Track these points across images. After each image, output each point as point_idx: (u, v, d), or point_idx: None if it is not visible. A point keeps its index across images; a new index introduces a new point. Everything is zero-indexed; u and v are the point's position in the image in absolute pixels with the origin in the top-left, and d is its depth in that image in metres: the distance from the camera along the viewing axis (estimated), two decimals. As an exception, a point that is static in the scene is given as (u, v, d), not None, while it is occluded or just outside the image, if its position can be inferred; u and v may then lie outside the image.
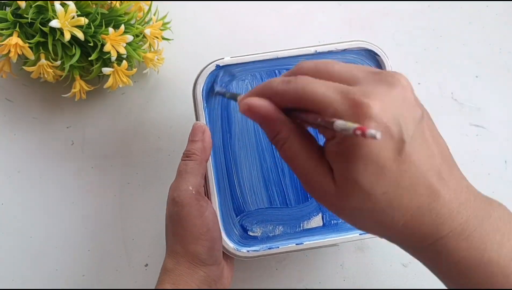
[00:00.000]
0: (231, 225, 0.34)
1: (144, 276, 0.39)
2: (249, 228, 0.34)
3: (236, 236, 0.34)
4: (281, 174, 0.34)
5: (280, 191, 0.34)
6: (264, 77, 0.35)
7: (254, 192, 0.34)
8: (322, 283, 0.39)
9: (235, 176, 0.34)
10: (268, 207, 0.34)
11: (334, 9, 0.47)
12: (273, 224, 0.34)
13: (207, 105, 0.35)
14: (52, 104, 0.43)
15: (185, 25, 0.46)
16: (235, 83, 0.35)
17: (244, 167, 0.34)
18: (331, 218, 0.34)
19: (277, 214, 0.34)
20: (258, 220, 0.34)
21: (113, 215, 0.41)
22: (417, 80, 0.45)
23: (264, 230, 0.34)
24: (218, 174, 0.34)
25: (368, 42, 0.35)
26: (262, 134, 0.35)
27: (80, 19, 0.35)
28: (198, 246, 0.30)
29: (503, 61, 0.45)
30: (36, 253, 0.40)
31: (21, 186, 0.41)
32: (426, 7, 0.47)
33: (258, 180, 0.34)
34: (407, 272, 0.40)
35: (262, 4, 0.46)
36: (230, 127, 0.35)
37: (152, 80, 0.44)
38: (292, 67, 0.34)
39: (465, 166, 0.42)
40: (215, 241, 0.31)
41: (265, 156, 0.34)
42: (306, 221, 0.34)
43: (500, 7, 0.47)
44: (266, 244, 0.34)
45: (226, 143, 0.34)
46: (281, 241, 0.34)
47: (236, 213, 0.34)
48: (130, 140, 0.42)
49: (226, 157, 0.34)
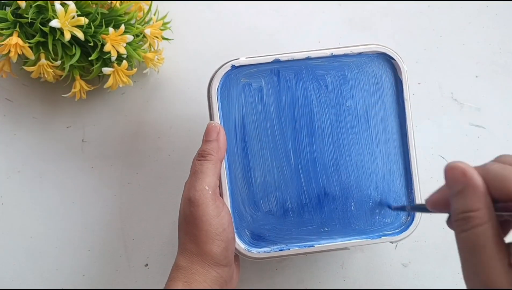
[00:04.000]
0: (243, 226, 0.34)
1: (144, 276, 0.39)
2: (259, 230, 0.34)
3: (247, 237, 0.34)
4: (297, 181, 0.34)
5: (296, 197, 0.34)
6: (278, 78, 0.35)
7: (268, 196, 0.34)
8: (322, 283, 0.39)
9: (249, 178, 0.34)
10: (281, 214, 0.34)
11: (334, 9, 0.47)
12: (283, 230, 0.34)
13: (222, 105, 0.34)
14: (52, 104, 0.43)
15: (185, 25, 0.46)
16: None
17: (259, 170, 0.34)
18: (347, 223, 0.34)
19: (290, 220, 0.34)
20: (269, 223, 0.34)
21: (113, 215, 0.41)
22: (417, 80, 0.45)
23: (274, 234, 0.34)
24: (231, 175, 0.34)
25: (384, 46, 0.35)
26: (280, 138, 0.34)
27: (80, 19, 0.35)
28: (214, 246, 0.30)
29: (503, 61, 0.45)
30: (36, 253, 0.40)
31: (21, 186, 0.41)
32: (426, 7, 0.47)
33: (273, 184, 0.34)
34: (407, 272, 0.40)
35: (262, 4, 0.46)
36: (245, 129, 0.34)
37: (152, 80, 0.44)
38: (308, 69, 0.34)
39: (465, 166, 0.42)
40: (229, 241, 0.31)
41: (283, 161, 0.34)
42: (320, 229, 0.34)
43: (500, 7, 0.47)
44: (277, 245, 0.34)
45: (240, 145, 0.34)
46: (291, 243, 0.34)
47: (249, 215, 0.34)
48: (130, 140, 0.42)
49: (240, 159, 0.34)
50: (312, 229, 0.34)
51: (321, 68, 0.34)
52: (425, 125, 0.43)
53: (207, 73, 0.46)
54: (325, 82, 0.34)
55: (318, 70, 0.34)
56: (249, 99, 0.34)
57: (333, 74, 0.34)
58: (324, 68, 0.34)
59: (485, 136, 0.43)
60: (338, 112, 0.34)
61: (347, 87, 0.34)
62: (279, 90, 0.34)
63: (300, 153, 0.34)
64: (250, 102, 0.34)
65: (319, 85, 0.34)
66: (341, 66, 0.34)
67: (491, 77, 0.45)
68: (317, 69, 0.34)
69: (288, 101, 0.34)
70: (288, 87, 0.34)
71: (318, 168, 0.34)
